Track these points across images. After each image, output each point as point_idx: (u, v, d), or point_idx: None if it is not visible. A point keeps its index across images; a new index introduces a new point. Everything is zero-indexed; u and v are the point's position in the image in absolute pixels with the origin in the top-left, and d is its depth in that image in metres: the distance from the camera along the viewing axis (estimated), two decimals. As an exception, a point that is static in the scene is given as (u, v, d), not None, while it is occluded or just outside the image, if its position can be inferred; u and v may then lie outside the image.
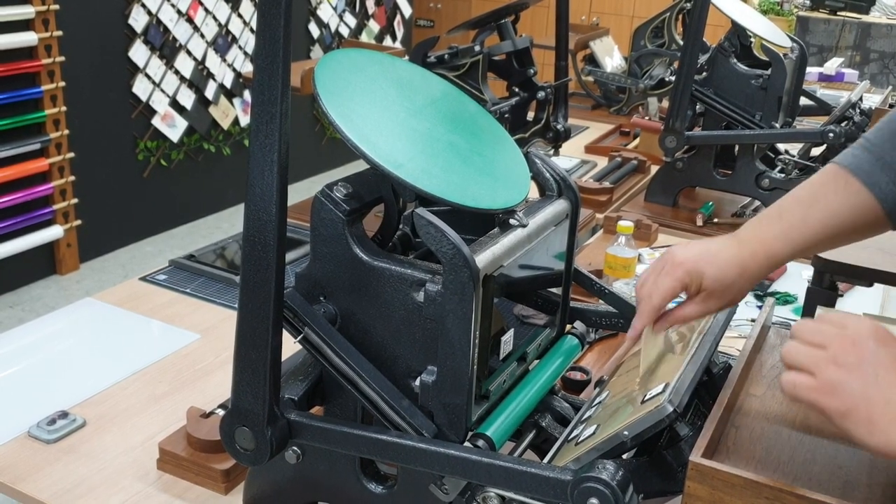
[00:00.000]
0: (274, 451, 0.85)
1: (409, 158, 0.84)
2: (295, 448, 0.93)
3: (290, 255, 1.78)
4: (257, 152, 0.76)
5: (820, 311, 1.06)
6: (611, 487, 0.72)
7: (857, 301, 1.55)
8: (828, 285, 1.10)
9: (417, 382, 0.84)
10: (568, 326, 1.07)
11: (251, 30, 4.67)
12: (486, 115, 1.03)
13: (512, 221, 0.90)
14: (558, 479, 0.76)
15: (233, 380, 0.84)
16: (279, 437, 0.85)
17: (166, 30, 4.15)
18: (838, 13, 5.79)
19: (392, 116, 0.89)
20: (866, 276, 1.06)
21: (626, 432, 0.77)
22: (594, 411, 0.92)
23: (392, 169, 0.81)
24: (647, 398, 0.83)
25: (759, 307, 1.67)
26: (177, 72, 4.26)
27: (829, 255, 1.08)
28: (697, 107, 2.08)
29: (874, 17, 5.82)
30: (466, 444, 0.82)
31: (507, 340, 0.90)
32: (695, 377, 0.82)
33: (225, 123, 4.63)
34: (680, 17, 2.97)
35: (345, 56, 0.92)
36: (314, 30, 5.19)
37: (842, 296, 1.14)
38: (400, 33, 5.98)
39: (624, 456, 0.83)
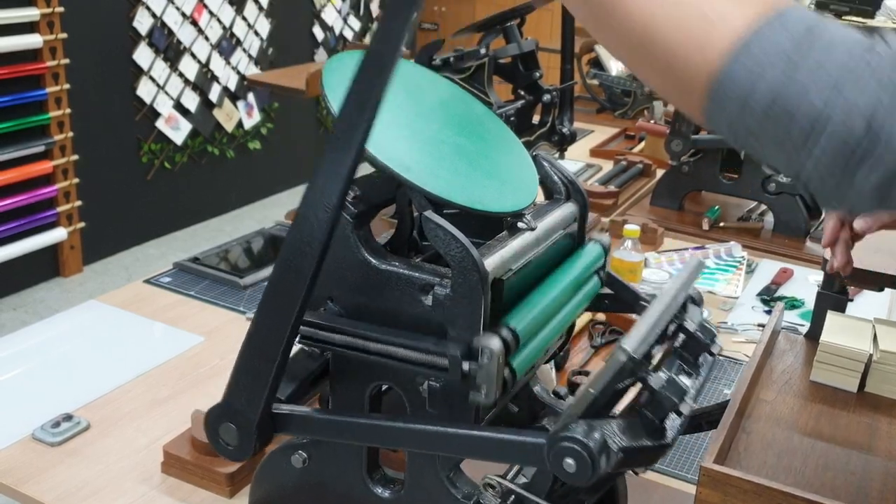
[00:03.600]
0: (257, 449, 0.84)
1: (417, 161, 0.84)
2: (301, 452, 0.92)
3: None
4: (319, 190, 0.75)
5: (830, 316, 1.05)
6: (585, 446, 0.70)
7: (867, 305, 1.54)
8: (838, 290, 1.10)
9: (425, 387, 0.83)
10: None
11: (255, 32, 4.68)
12: (494, 117, 1.03)
13: (520, 225, 0.89)
14: (533, 443, 0.75)
15: (230, 379, 0.84)
16: (264, 435, 0.84)
17: (171, 32, 4.15)
18: (843, 17, 5.78)
19: (399, 119, 0.89)
20: (877, 281, 1.06)
21: (591, 390, 0.74)
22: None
23: (399, 171, 0.80)
24: (610, 357, 0.81)
25: (766, 311, 1.66)
26: (181, 74, 4.26)
27: (839, 259, 1.07)
28: (703, 110, 2.07)
29: (879, 21, 5.80)
30: (489, 335, 0.78)
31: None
32: (654, 325, 0.80)
33: (229, 126, 4.63)
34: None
35: (353, 58, 0.91)
36: (318, 33, 5.20)
37: (851, 300, 1.13)
38: (404, 37, 5.97)
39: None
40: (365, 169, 0.85)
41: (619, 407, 0.79)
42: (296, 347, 0.86)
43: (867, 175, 0.54)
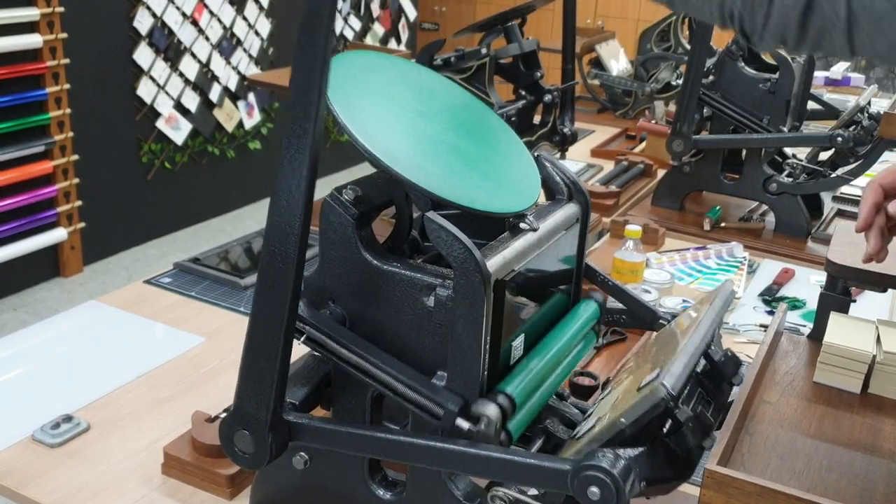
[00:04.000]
0: (273, 455, 0.84)
1: (419, 162, 0.83)
2: (302, 454, 0.92)
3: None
4: (287, 166, 0.75)
5: (833, 317, 1.04)
6: (611, 475, 0.71)
7: (869, 306, 1.54)
8: (841, 290, 1.09)
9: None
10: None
11: (256, 32, 4.67)
12: (496, 117, 1.02)
13: (522, 225, 0.89)
14: (558, 469, 0.75)
15: (238, 384, 0.83)
16: (279, 441, 0.84)
17: (171, 32, 4.15)
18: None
19: (402, 119, 0.88)
20: (880, 282, 1.05)
21: (623, 419, 0.75)
22: (596, 408, 0.91)
23: (401, 172, 0.80)
24: (642, 385, 0.82)
25: (768, 312, 1.66)
26: (181, 74, 4.25)
27: (842, 260, 1.07)
28: (705, 110, 2.07)
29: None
30: (485, 400, 0.80)
31: (518, 345, 0.89)
32: (691, 360, 0.81)
33: (229, 126, 4.62)
34: (686, 20, 2.96)
35: (354, 58, 0.91)
36: (318, 33, 5.19)
37: (854, 301, 1.13)
38: (405, 36, 5.98)
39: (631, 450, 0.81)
40: (367, 169, 0.84)
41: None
42: (300, 350, 0.85)
43: None
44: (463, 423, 0.79)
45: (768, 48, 0.66)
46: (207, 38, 4.37)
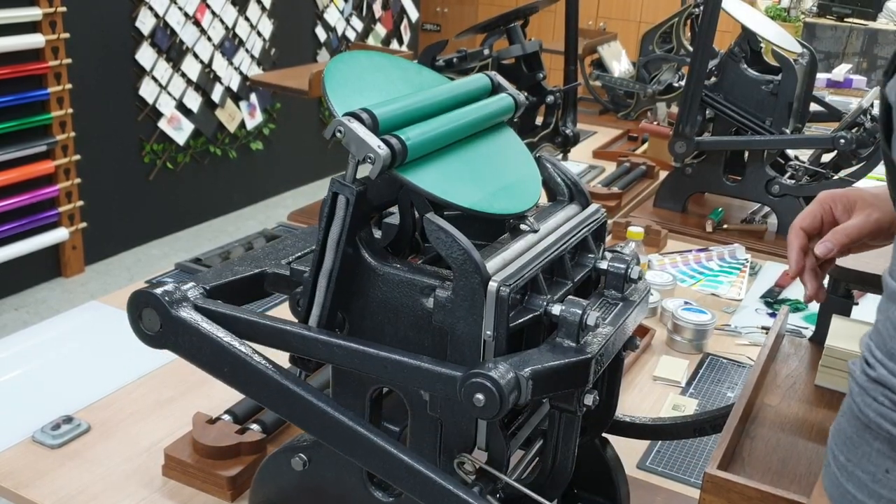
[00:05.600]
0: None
1: (420, 163, 0.83)
2: (301, 455, 0.92)
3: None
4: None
5: (835, 320, 1.04)
6: (492, 380, 0.71)
7: (871, 309, 1.53)
8: (843, 293, 1.09)
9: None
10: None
11: (258, 33, 4.68)
12: (497, 118, 1.02)
13: (523, 227, 0.88)
14: (450, 375, 0.76)
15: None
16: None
17: (173, 32, 4.15)
18: (845, 20, 5.78)
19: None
20: (881, 285, 1.05)
21: (488, 332, 0.76)
22: None
23: (401, 173, 0.80)
24: None
25: (770, 314, 1.66)
26: (183, 75, 4.26)
27: (845, 262, 1.06)
28: (707, 112, 2.06)
29: (881, 23, 5.80)
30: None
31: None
32: (537, 258, 0.81)
33: (231, 127, 4.62)
34: (688, 22, 2.96)
35: (355, 58, 0.91)
36: (321, 33, 5.20)
37: (856, 304, 1.12)
38: (406, 37, 5.98)
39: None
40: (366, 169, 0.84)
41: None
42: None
43: None
44: None
45: None
46: (210, 39, 4.37)
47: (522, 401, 0.73)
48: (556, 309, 0.78)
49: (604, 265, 0.90)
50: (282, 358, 0.84)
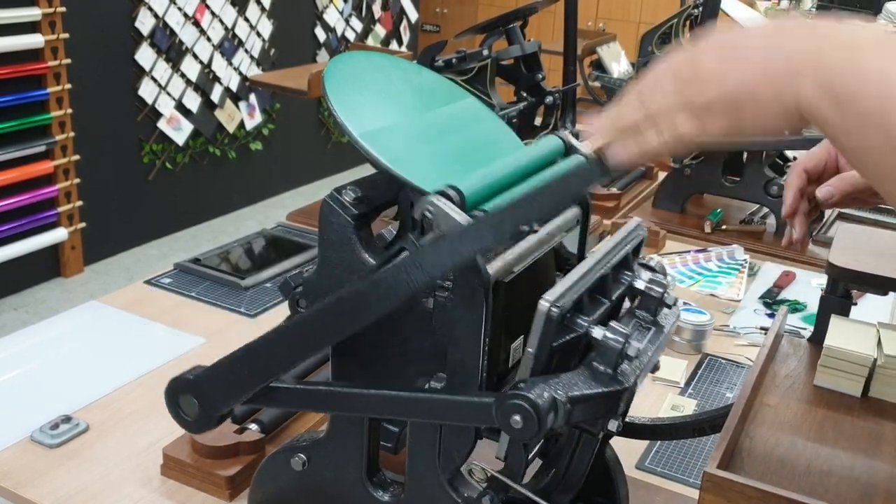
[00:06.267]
0: (216, 424, 0.84)
1: (420, 163, 0.83)
2: (300, 454, 0.92)
3: (296, 259, 1.77)
4: (434, 255, 0.74)
5: (834, 320, 1.04)
6: (530, 401, 0.71)
7: (870, 309, 1.54)
8: (842, 293, 1.09)
9: (426, 390, 0.83)
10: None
11: (257, 33, 4.68)
12: (497, 119, 1.02)
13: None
14: (483, 403, 0.75)
15: (215, 366, 0.83)
16: (225, 413, 0.85)
17: (173, 33, 4.15)
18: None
19: (402, 119, 0.88)
20: (881, 285, 1.05)
21: (529, 349, 0.76)
22: None
23: (402, 173, 0.80)
24: None
25: (768, 315, 1.66)
26: (183, 75, 4.26)
27: (843, 262, 1.06)
28: (706, 113, 2.06)
29: (880, 24, 5.80)
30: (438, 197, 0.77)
31: (517, 348, 0.88)
32: (580, 279, 0.80)
33: (231, 127, 4.62)
34: (688, 23, 2.96)
35: (355, 58, 0.91)
36: (320, 34, 5.20)
37: (855, 304, 1.12)
38: (406, 37, 5.98)
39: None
40: (368, 170, 0.84)
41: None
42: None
43: None
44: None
45: None
46: (209, 39, 4.37)
47: (558, 425, 0.72)
48: (598, 333, 0.77)
49: (640, 285, 0.87)
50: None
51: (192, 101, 4.34)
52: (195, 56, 4.30)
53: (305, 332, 0.80)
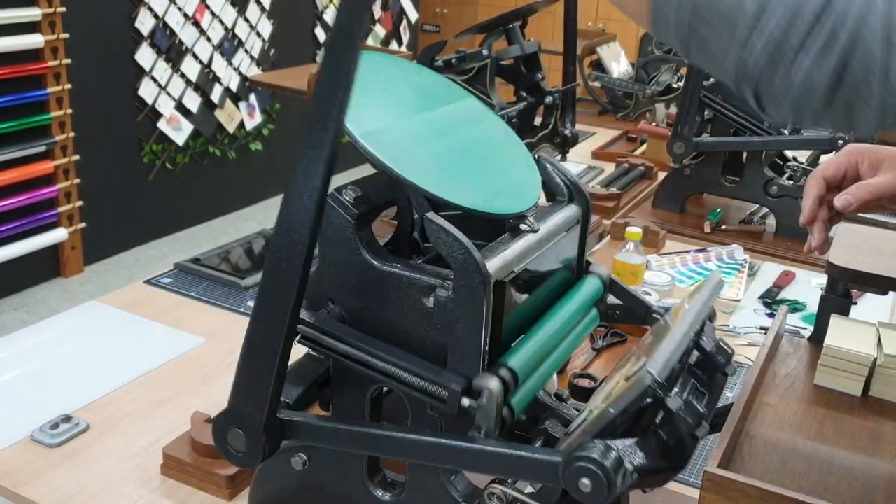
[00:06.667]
0: (267, 454, 0.84)
1: (420, 162, 0.83)
2: (301, 454, 0.91)
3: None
4: (300, 175, 0.74)
5: (834, 319, 1.04)
6: (601, 466, 0.70)
7: (870, 309, 1.54)
8: (842, 293, 1.09)
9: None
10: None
11: (257, 33, 4.68)
12: (497, 119, 1.02)
13: (523, 227, 0.89)
14: (549, 461, 0.74)
15: (234, 383, 0.83)
16: (273, 440, 0.84)
17: (173, 33, 4.15)
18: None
19: (402, 119, 0.88)
20: (881, 285, 1.05)
21: (611, 409, 0.74)
22: (588, 404, 0.91)
23: (401, 172, 0.80)
24: (630, 375, 0.81)
25: (768, 314, 1.66)
26: (183, 75, 4.26)
27: (843, 262, 1.07)
28: (706, 113, 2.07)
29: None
30: (487, 376, 0.79)
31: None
32: (677, 348, 0.80)
33: (230, 127, 4.62)
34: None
35: (355, 58, 0.91)
36: (320, 34, 5.20)
37: (855, 304, 1.12)
38: (406, 38, 5.98)
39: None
40: (366, 169, 0.84)
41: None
42: (300, 351, 0.85)
43: (821, 55, 0.51)
44: (465, 401, 0.78)
45: (783, 117, 0.60)
46: (209, 39, 4.37)
47: (620, 490, 0.71)
48: (674, 404, 0.76)
49: (708, 346, 0.87)
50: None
51: (192, 102, 4.34)
52: (195, 56, 4.30)
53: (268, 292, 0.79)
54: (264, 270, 0.78)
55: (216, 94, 4.47)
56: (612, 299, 1.04)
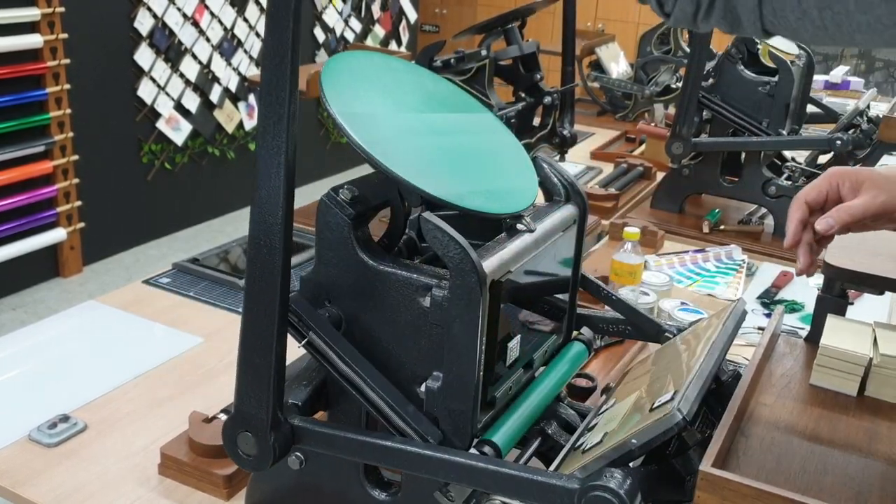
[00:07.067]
0: (277, 456, 0.84)
1: (417, 162, 0.84)
2: (298, 454, 0.92)
3: (295, 259, 1.76)
4: (264, 154, 0.75)
5: (831, 319, 1.04)
6: (619, 496, 0.71)
7: (867, 309, 1.54)
8: (838, 293, 1.09)
9: (423, 388, 0.83)
10: (574, 333, 1.05)
11: (256, 34, 4.67)
12: (495, 119, 1.02)
13: (519, 226, 0.89)
14: (565, 488, 0.75)
15: (236, 384, 0.83)
16: (282, 442, 0.84)
17: (172, 33, 4.15)
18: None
19: (399, 119, 0.88)
20: (877, 285, 1.05)
21: (634, 440, 0.75)
22: (601, 419, 0.91)
23: (398, 172, 0.80)
24: (655, 406, 0.82)
25: (766, 315, 1.66)
26: (182, 75, 4.26)
27: (840, 262, 1.07)
28: (704, 113, 2.07)
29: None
30: (472, 450, 0.81)
31: (514, 346, 0.89)
32: (704, 384, 0.81)
33: (229, 127, 4.62)
34: (686, 23, 2.96)
35: (353, 58, 0.91)
36: (319, 34, 5.20)
37: (852, 304, 1.13)
38: (405, 38, 5.98)
39: (631, 464, 0.81)
40: (365, 170, 0.84)
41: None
42: (299, 351, 0.85)
43: None
44: None
45: (680, 21, 0.66)
46: (208, 39, 4.37)
47: None
48: (691, 439, 0.79)
49: (724, 375, 0.92)
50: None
51: (191, 102, 4.34)
52: (194, 56, 4.30)
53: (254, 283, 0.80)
54: (248, 259, 0.79)
55: (215, 95, 4.47)
56: (615, 314, 1.05)
